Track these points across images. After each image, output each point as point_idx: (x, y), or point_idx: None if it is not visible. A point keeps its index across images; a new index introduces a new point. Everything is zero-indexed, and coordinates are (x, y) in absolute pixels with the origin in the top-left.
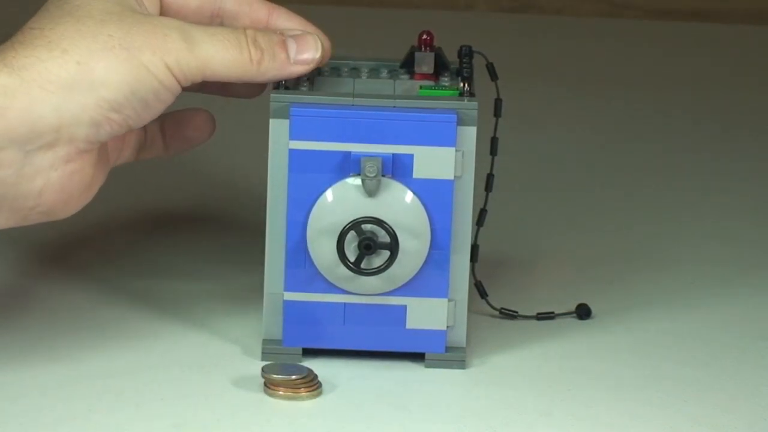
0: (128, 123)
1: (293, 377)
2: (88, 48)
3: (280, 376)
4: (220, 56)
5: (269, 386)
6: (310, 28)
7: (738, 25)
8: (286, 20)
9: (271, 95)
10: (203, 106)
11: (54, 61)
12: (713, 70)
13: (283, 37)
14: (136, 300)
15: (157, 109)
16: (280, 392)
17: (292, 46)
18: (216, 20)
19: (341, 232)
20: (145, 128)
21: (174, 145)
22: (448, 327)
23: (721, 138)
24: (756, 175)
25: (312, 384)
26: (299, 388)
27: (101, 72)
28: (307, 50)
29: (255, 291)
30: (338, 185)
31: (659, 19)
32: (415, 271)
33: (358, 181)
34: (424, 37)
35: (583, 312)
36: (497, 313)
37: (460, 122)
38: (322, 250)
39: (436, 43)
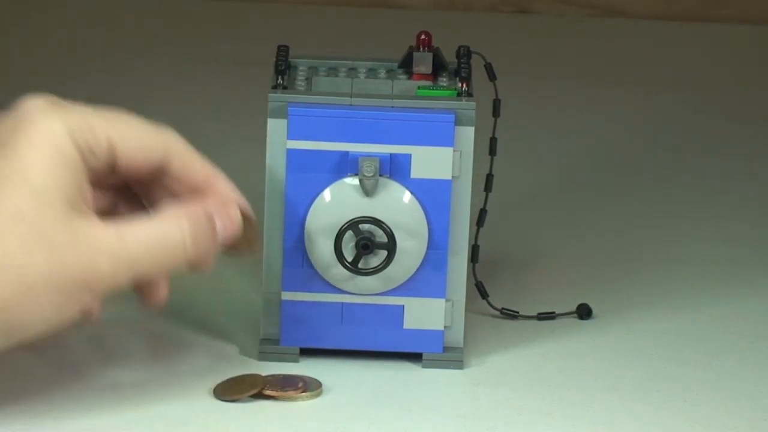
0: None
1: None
2: (12, 291)
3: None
4: (155, 267)
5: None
6: (240, 199)
7: (738, 25)
8: (223, 187)
9: (269, 95)
10: (202, 107)
11: None
12: (713, 70)
13: (213, 223)
14: (135, 300)
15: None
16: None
17: (218, 224)
18: (160, 175)
19: (339, 231)
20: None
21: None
22: (445, 327)
23: (721, 138)
24: (756, 175)
25: (311, 385)
26: (299, 389)
27: (20, 319)
28: (230, 227)
29: (253, 291)
30: (336, 185)
31: (658, 19)
32: (412, 271)
33: (355, 180)
34: (422, 37)
35: (583, 312)
36: (498, 313)
37: (458, 122)
38: (320, 250)
39: (434, 44)
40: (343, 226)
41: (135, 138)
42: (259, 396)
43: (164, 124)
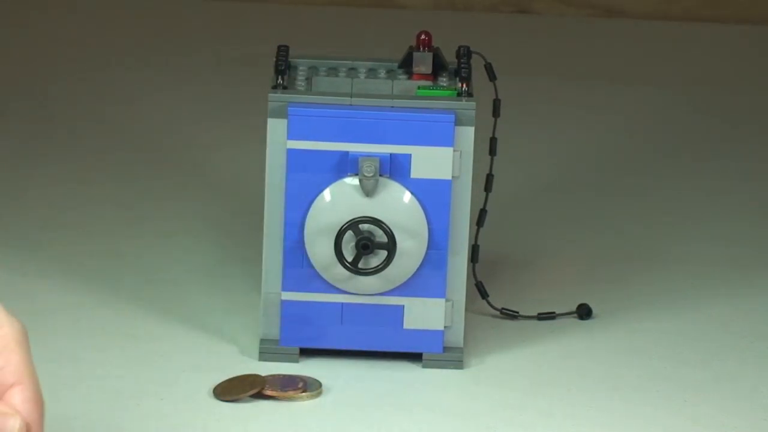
0: None
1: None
2: None
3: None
4: None
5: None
6: (35, 418)
7: (738, 25)
8: (20, 400)
9: (269, 95)
10: (202, 107)
11: None
12: (713, 70)
13: None
14: (135, 299)
15: None
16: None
17: None
18: None
19: (339, 231)
20: None
21: None
22: (445, 327)
23: (720, 138)
24: (756, 175)
25: (311, 385)
26: (299, 390)
27: None
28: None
29: (253, 291)
30: (336, 185)
31: (658, 19)
32: (412, 271)
33: (355, 180)
34: (423, 37)
35: (583, 312)
36: (498, 313)
37: (458, 122)
38: (320, 250)
39: (434, 44)
40: (343, 226)
41: None
42: (259, 396)
43: (14, 318)
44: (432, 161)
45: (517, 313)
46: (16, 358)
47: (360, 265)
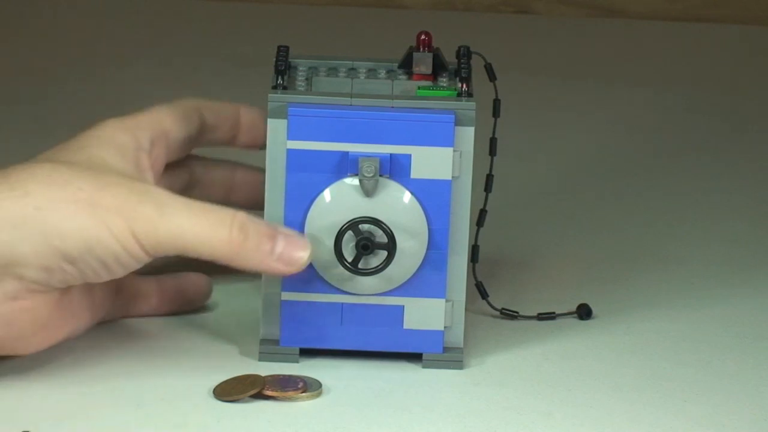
0: (84, 277)
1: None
2: (52, 196)
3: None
4: (195, 231)
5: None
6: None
7: (738, 25)
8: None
9: (269, 95)
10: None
11: (12, 201)
12: (713, 70)
13: (274, 230)
14: None
15: (119, 272)
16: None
17: (280, 242)
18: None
19: (339, 232)
20: (133, 287)
21: (169, 306)
22: (445, 327)
23: (721, 138)
24: (756, 175)
25: (311, 385)
26: (299, 390)
27: (57, 221)
28: (297, 250)
29: (253, 291)
30: (336, 185)
31: (658, 19)
32: (412, 272)
33: (355, 181)
34: (423, 37)
35: (583, 312)
36: (498, 313)
37: (458, 122)
38: (320, 250)
39: (434, 44)
40: (343, 226)
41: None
42: (259, 396)
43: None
44: (432, 161)
45: (517, 313)
46: (215, 102)
47: (360, 265)
